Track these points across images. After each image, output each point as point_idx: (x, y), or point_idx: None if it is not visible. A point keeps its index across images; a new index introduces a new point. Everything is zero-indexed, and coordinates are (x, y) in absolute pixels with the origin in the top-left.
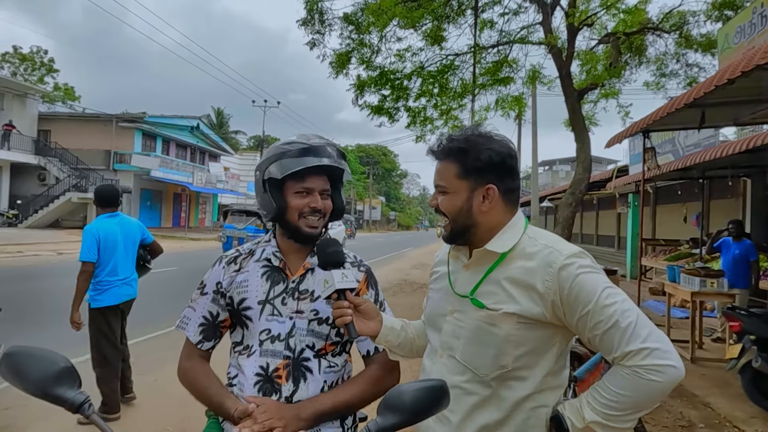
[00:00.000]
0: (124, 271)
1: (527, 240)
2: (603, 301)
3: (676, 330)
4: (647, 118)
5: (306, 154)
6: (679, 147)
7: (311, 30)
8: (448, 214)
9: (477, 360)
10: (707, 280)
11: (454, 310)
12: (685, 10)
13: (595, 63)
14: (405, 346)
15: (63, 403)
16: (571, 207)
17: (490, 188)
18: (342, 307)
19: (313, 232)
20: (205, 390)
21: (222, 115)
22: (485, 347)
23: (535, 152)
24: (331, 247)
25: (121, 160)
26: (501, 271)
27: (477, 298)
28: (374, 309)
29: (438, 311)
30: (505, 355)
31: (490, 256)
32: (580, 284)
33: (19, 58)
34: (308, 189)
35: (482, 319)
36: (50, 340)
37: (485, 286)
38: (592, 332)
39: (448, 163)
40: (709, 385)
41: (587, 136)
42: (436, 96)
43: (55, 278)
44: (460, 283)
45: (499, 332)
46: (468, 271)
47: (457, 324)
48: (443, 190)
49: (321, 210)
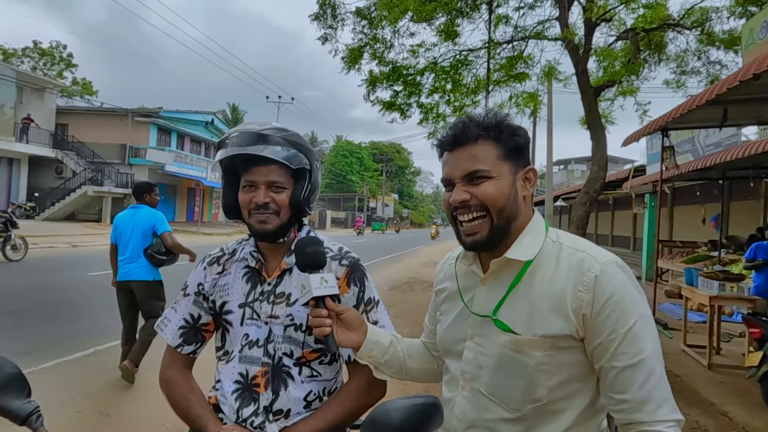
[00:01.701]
0: (124, 252)
1: (552, 245)
2: (639, 331)
3: (693, 334)
4: (667, 116)
5: (238, 143)
6: (699, 146)
7: (323, 24)
8: (495, 204)
9: (506, 393)
10: (726, 284)
11: (474, 333)
12: (707, 6)
13: (612, 59)
14: (393, 365)
15: (7, 415)
16: (585, 206)
17: (532, 169)
18: (320, 316)
19: (263, 228)
20: (186, 410)
21: (237, 110)
22: (514, 379)
23: (550, 150)
24: (310, 247)
25: (136, 154)
26: (528, 284)
27: (500, 319)
28: (357, 318)
29: (454, 336)
30: (539, 387)
31: (511, 267)
32: (619, 302)
33: (39, 52)
34: (252, 182)
35: (508, 346)
36: (56, 333)
37: (510, 304)
38: (609, 362)
39: (484, 144)
40: (727, 393)
41: (603, 134)
42: (449, 92)
43: (66, 271)
44: (478, 301)
45: (529, 361)
46: (486, 286)
47: (480, 351)
48: (485, 174)
49: (269, 205)
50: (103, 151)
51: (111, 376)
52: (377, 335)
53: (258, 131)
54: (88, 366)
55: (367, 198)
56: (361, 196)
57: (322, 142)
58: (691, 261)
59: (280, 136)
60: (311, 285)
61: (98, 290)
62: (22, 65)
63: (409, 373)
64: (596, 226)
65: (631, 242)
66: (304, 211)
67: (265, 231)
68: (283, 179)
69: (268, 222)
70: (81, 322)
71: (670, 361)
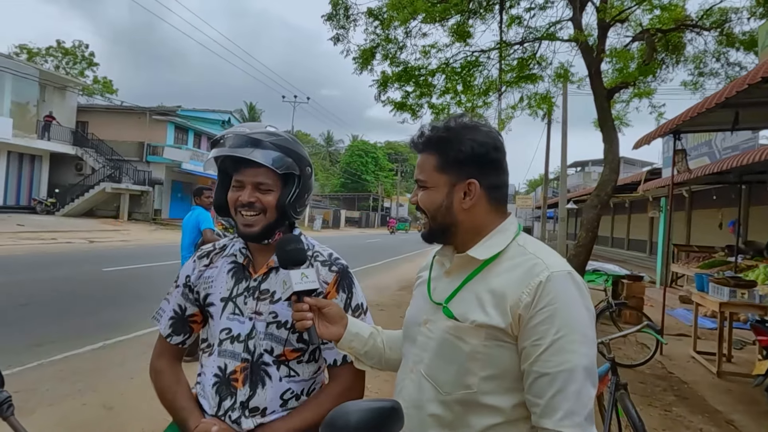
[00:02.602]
0: (184, 247)
1: (515, 248)
2: (566, 345)
3: (703, 341)
4: (677, 119)
5: (233, 144)
6: (716, 149)
7: (336, 25)
8: (427, 211)
9: (440, 375)
10: (737, 290)
11: (427, 319)
12: (727, 7)
13: (627, 61)
14: (373, 356)
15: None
16: (596, 209)
17: (472, 183)
18: (302, 310)
19: (248, 230)
20: (171, 402)
21: (254, 109)
22: (449, 363)
23: (565, 152)
24: (291, 245)
25: (154, 152)
26: (481, 280)
27: (449, 307)
28: (338, 312)
29: (413, 320)
30: (470, 374)
31: (472, 263)
32: (556, 311)
33: (62, 52)
34: (240, 182)
35: (449, 331)
36: (67, 326)
37: (461, 295)
38: (531, 366)
39: (427, 155)
40: (734, 401)
41: (616, 136)
42: (460, 93)
43: (81, 266)
44: (438, 291)
45: (464, 347)
46: (448, 278)
47: (428, 335)
48: (423, 184)
49: (254, 205)
50: (121, 149)
51: (117, 370)
52: (357, 327)
53: (248, 135)
54: (96, 359)
55: (382, 198)
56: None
57: (338, 141)
58: (708, 266)
59: (270, 140)
60: (292, 280)
61: (111, 285)
62: (45, 64)
63: (388, 363)
64: (612, 229)
65: (648, 246)
66: (290, 215)
67: (250, 231)
68: (270, 181)
69: (254, 224)
70: (92, 317)
71: (678, 367)
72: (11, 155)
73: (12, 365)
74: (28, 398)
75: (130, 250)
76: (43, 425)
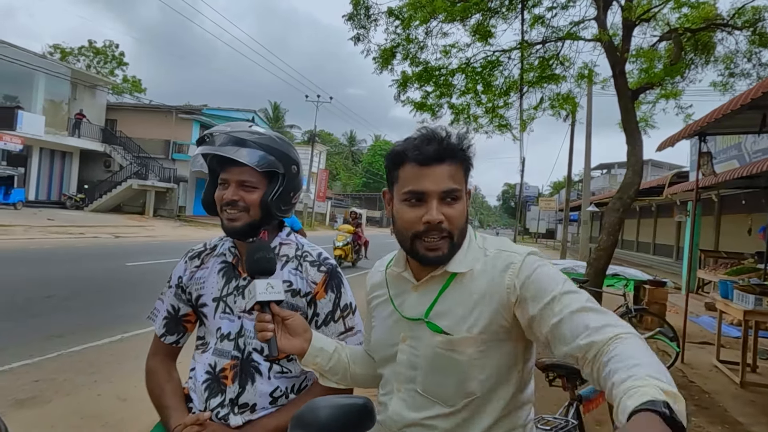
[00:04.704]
0: None
1: (478, 251)
2: (569, 287)
3: (728, 350)
4: (702, 120)
5: (216, 142)
6: (746, 153)
7: (356, 25)
8: (459, 225)
9: (441, 390)
10: (764, 298)
11: (407, 336)
12: (760, 6)
13: (653, 61)
14: (337, 371)
15: None
16: (618, 213)
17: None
18: (263, 321)
19: (232, 224)
20: (158, 400)
21: (278, 109)
22: (447, 376)
23: (588, 154)
24: (259, 253)
25: (179, 150)
26: (457, 287)
27: (432, 321)
28: (302, 325)
29: (387, 341)
30: (471, 380)
31: (444, 274)
32: (542, 273)
33: (93, 51)
34: (225, 180)
35: (441, 345)
36: (88, 318)
37: (440, 307)
38: (558, 316)
39: (453, 164)
40: (757, 413)
41: (640, 138)
42: (481, 93)
43: (106, 260)
44: (409, 306)
45: (461, 357)
46: (417, 292)
47: (413, 353)
48: (457, 195)
49: (237, 203)
50: (148, 147)
51: (134, 363)
52: (322, 342)
53: (231, 134)
54: (114, 351)
55: None
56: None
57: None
58: (736, 273)
59: (253, 140)
60: (256, 290)
61: (133, 280)
62: (77, 63)
63: (354, 379)
64: (637, 233)
65: (674, 251)
66: (274, 213)
67: (233, 228)
68: (254, 179)
69: (237, 219)
70: (113, 310)
71: (700, 376)
72: (43, 151)
73: (33, 355)
74: (47, 387)
75: (155, 245)
76: (59, 414)
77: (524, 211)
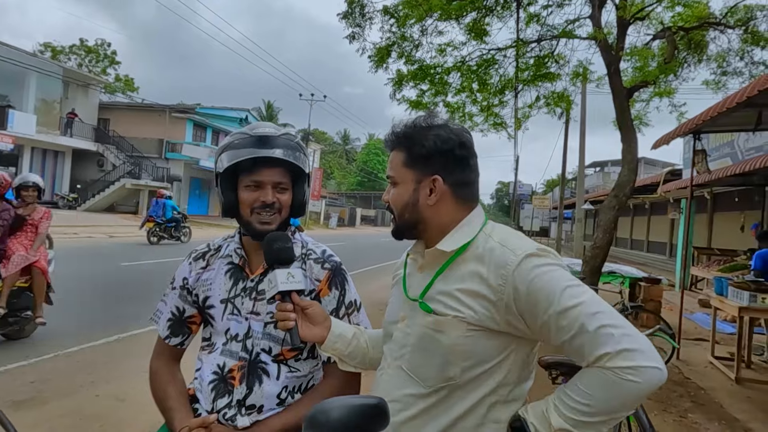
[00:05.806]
0: None
1: (482, 238)
2: (566, 303)
3: (722, 346)
4: (697, 118)
5: (249, 145)
6: (738, 150)
7: (351, 23)
8: (396, 208)
9: (423, 370)
10: (759, 295)
11: (405, 316)
12: (752, 4)
13: (647, 59)
14: (356, 356)
15: None
16: (613, 210)
17: (436, 179)
18: (285, 311)
19: (266, 228)
20: (161, 402)
21: (272, 107)
22: (431, 356)
23: (583, 152)
24: (277, 243)
25: (173, 149)
26: (452, 273)
27: (425, 302)
28: (322, 313)
29: (391, 318)
30: (452, 365)
31: (443, 256)
32: (538, 286)
33: (85, 50)
34: (258, 182)
35: (429, 326)
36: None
37: (435, 289)
38: (558, 338)
39: (396, 152)
40: (754, 409)
41: (635, 136)
42: (476, 92)
43: (100, 260)
44: (413, 287)
45: (444, 340)
46: (421, 273)
47: (406, 331)
48: (393, 181)
49: (274, 204)
50: (141, 146)
51: (130, 363)
52: (341, 328)
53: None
54: (111, 352)
55: None
56: None
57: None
58: (729, 270)
59: (290, 139)
60: (277, 280)
61: (128, 280)
62: (69, 62)
63: (372, 363)
64: (631, 231)
65: (668, 248)
66: (302, 211)
67: (267, 231)
68: (286, 180)
69: (272, 222)
70: (109, 310)
71: (696, 372)
72: (35, 151)
73: (29, 356)
74: (44, 389)
75: (149, 245)
76: (56, 415)
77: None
